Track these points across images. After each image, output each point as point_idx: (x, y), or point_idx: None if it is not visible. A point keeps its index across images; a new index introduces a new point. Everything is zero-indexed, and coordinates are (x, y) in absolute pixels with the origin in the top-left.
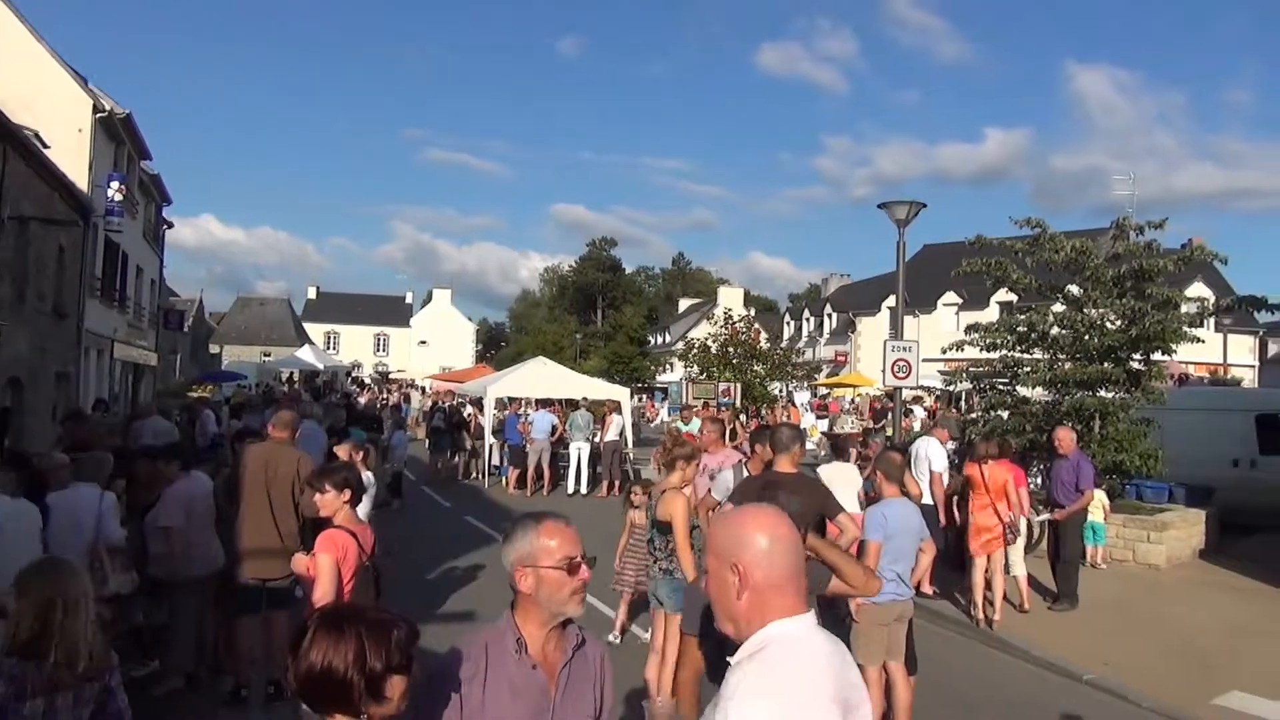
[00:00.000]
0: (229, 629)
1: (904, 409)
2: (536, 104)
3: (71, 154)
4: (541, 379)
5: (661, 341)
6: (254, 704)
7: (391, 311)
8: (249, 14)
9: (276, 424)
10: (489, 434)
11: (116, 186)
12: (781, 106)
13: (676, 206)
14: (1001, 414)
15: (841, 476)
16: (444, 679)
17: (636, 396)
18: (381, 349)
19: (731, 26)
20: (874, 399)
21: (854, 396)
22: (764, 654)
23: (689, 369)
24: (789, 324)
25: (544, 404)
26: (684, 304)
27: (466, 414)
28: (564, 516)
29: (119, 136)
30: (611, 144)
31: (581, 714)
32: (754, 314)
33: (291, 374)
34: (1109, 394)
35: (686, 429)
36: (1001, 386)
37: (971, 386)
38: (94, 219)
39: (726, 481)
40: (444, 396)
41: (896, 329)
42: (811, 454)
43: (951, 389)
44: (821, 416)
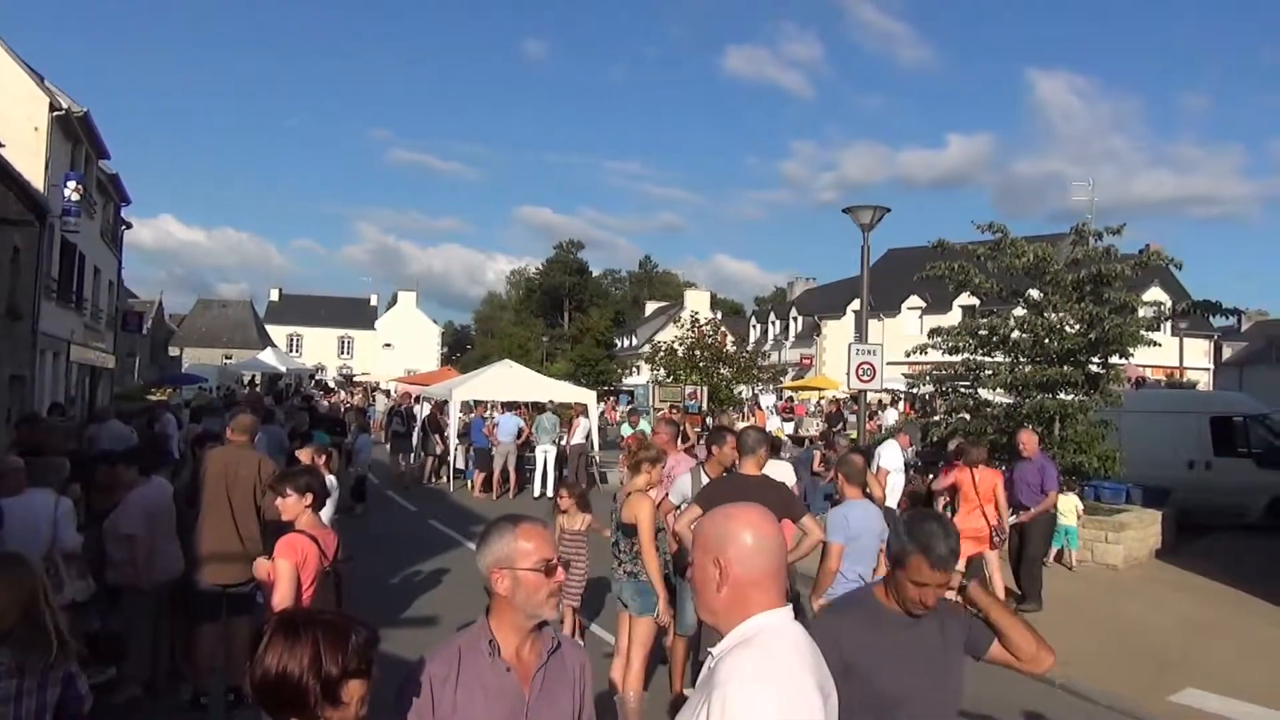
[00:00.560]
0: (189, 635)
1: (870, 411)
2: (502, 106)
3: (27, 153)
4: (507, 382)
5: (628, 344)
6: (214, 711)
7: (356, 314)
8: (209, 12)
9: (235, 428)
10: (454, 437)
11: (73, 186)
12: (747, 110)
13: (643, 209)
14: (964, 416)
15: (775, 473)
16: (416, 682)
17: (602, 400)
18: (346, 352)
19: (697, 30)
20: (831, 402)
21: (819, 399)
22: (755, 642)
23: (655, 372)
24: (755, 327)
25: (510, 407)
26: (650, 307)
27: (427, 416)
28: (540, 519)
29: (76, 135)
30: (578, 146)
31: (557, 718)
32: (720, 317)
33: (253, 377)
34: (1068, 396)
35: (632, 433)
36: (964, 389)
37: (934, 389)
38: (50, 219)
39: (683, 486)
40: (403, 399)
41: (861, 332)
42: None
43: (916, 392)
44: (787, 419)
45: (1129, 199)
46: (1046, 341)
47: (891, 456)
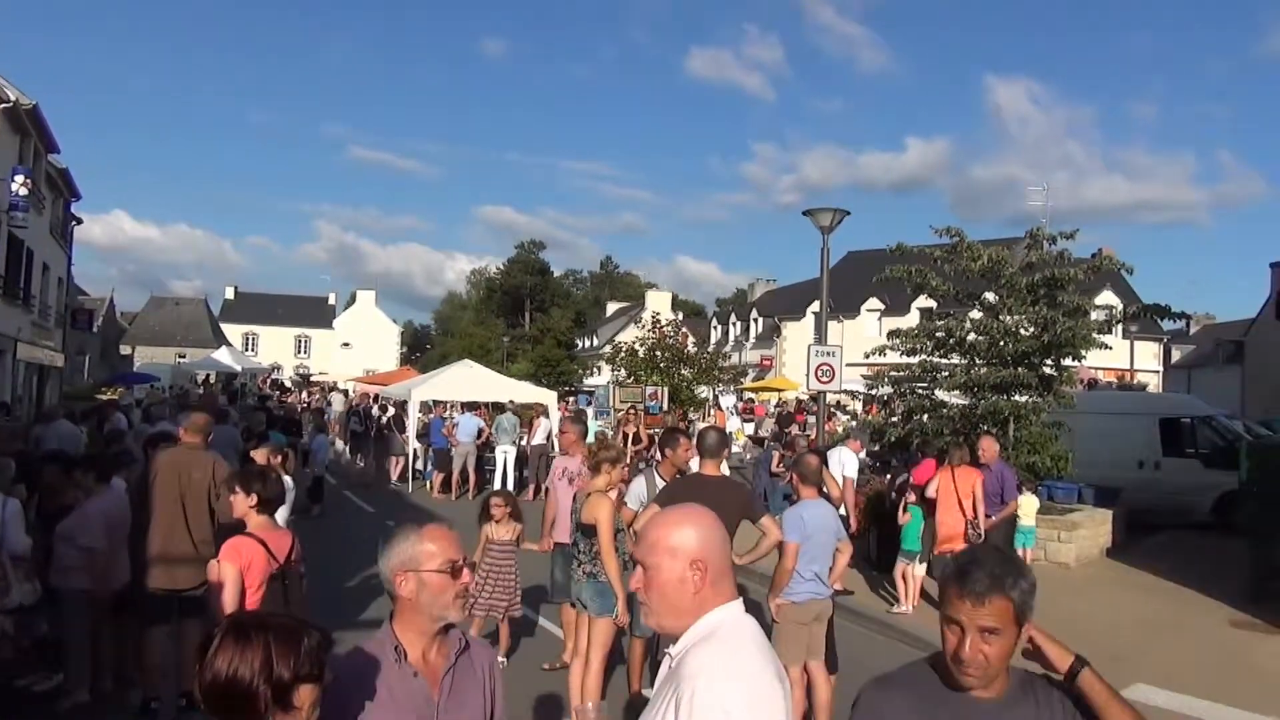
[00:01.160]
0: (140, 639)
1: (830, 412)
2: (462, 104)
3: None
4: (467, 382)
5: (589, 345)
6: (165, 716)
7: (313, 313)
8: (163, 4)
9: (189, 428)
10: (413, 438)
11: (21, 180)
12: (709, 112)
13: (605, 210)
14: (921, 417)
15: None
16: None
17: (562, 400)
18: (303, 351)
19: (659, 31)
20: (780, 404)
21: (779, 400)
22: (718, 636)
23: (616, 372)
24: (716, 328)
25: (470, 407)
26: (612, 307)
27: (388, 416)
28: (447, 521)
29: (25, 128)
30: (539, 146)
31: (468, 719)
32: (681, 318)
33: (208, 376)
34: (1022, 398)
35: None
36: (921, 390)
37: (892, 391)
38: None
39: (638, 489)
40: (361, 399)
41: (820, 334)
42: (738, 457)
43: (875, 393)
44: (747, 420)
45: (1083, 204)
46: (1001, 344)
47: (850, 465)
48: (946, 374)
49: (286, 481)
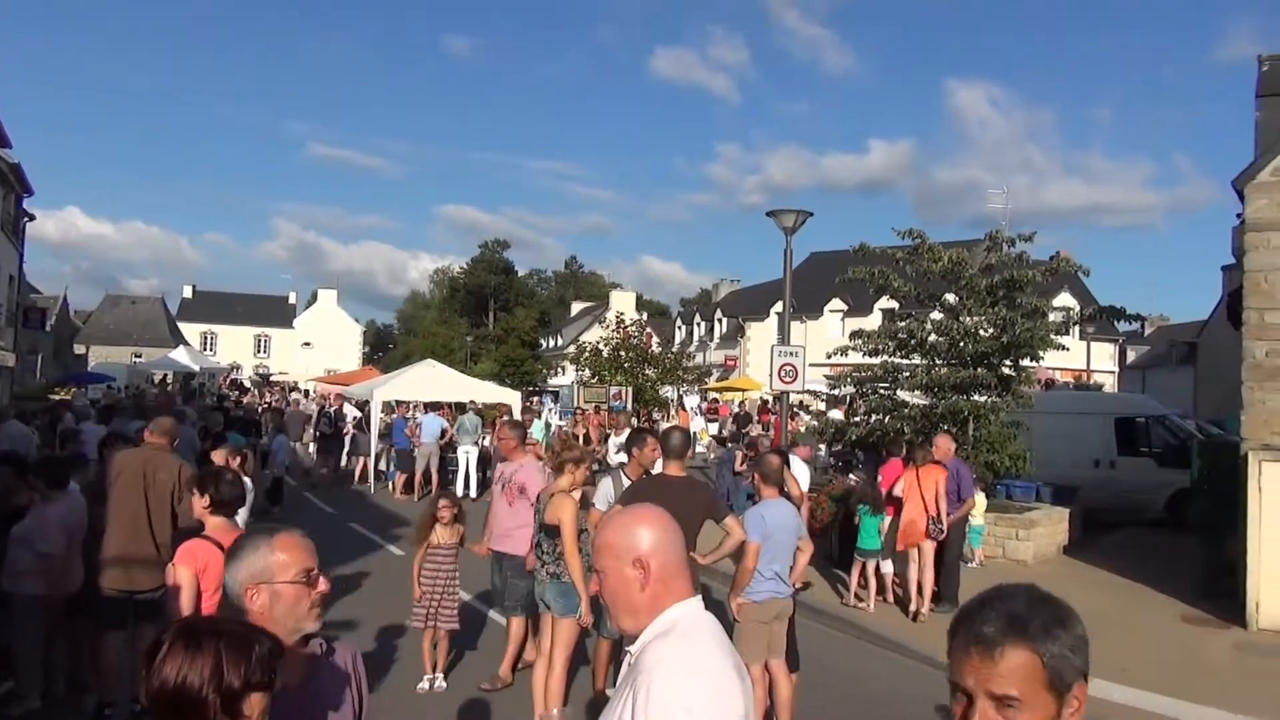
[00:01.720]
0: (94, 644)
1: (792, 412)
2: (425, 102)
3: None
4: (430, 382)
5: (554, 345)
6: None
7: (273, 312)
8: None
9: (155, 429)
10: (375, 438)
11: None
12: (675, 112)
13: (569, 209)
14: (882, 417)
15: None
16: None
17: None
18: (263, 350)
19: (625, 31)
20: (744, 403)
21: (742, 400)
22: (676, 631)
23: (581, 372)
24: (680, 328)
25: (433, 407)
26: (576, 307)
27: (354, 418)
28: (298, 530)
29: None
30: (504, 145)
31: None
32: (646, 318)
33: (164, 376)
34: (982, 398)
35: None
36: (883, 390)
37: (855, 390)
38: None
39: (606, 490)
40: (336, 400)
41: (784, 334)
42: (701, 456)
43: (837, 393)
44: (711, 420)
45: (1042, 207)
46: (961, 344)
47: (801, 474)
48: (908, 374)
49: (246, 483)
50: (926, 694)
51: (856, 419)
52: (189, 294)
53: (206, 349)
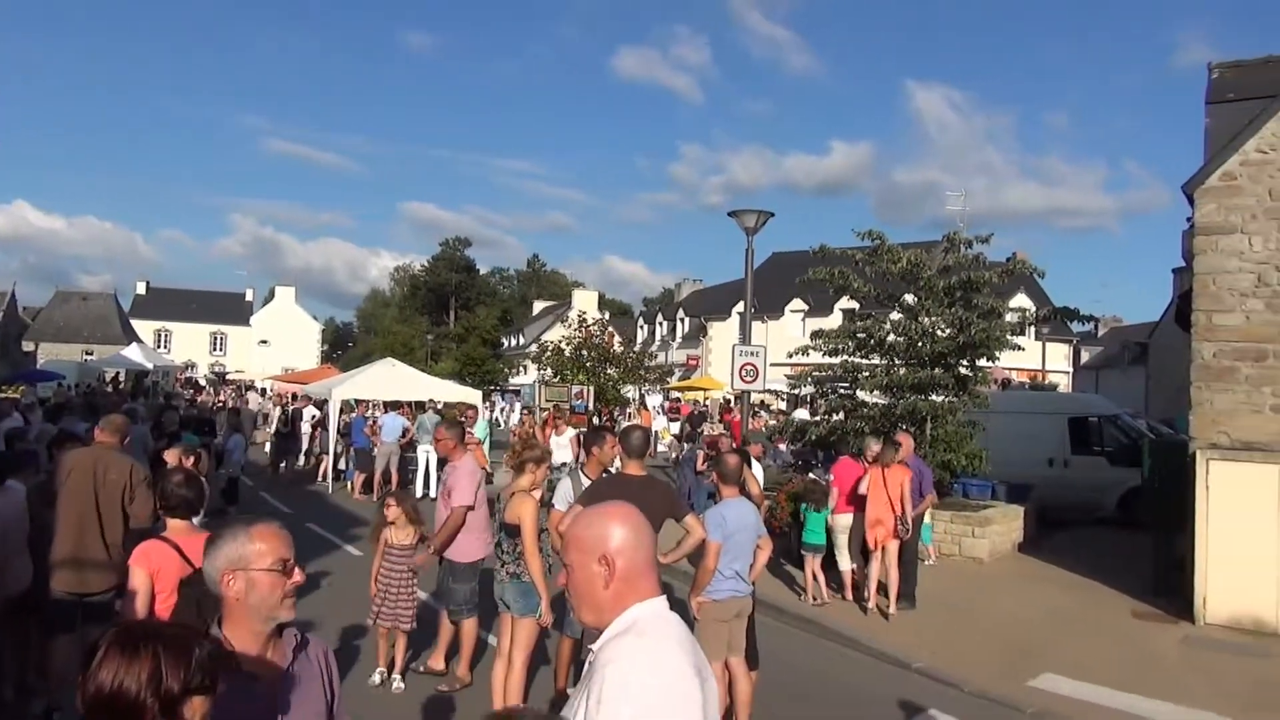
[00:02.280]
0: (42, 647)
1: (754, 410)
2: (386, 98)
3: None
4: (390, 381)
5: (515, 344)
6: None
7: (230, 309)
8: None
9: (107, 428)
10: (334, 437)
11: None
12: (638, 112)
13: (532, 208)
14: (840, 416)
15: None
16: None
17: (486, 400)
18: (219, 349)
19: (589, 29)
20: (699, 402)
21: (705, 400)
22: (635, 629)
23: (542, 371)
24: (642, 328)
25: (393, 406)
26: (538, 306)
27: (313, 416)
28: (277, 521)
29: None
30: (466, 142)
31: (312, 715)
32: (608, 317)
33: (117, 374)
34: (939, 398)
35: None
36: (842, 390)
37: (814, 390)
38: None
39: (565, 489)
40: (303, 401)
41: (745, 334)
42: (663, 456)
43: (798, 393)
44: (673, 419)
45: (999, 209)
46: (919, 345)
47: (755, 473)
48: (867, 374)
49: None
50: (886, 691)
51: (816, 418)
52: (143, 290)
53: (161, 346)
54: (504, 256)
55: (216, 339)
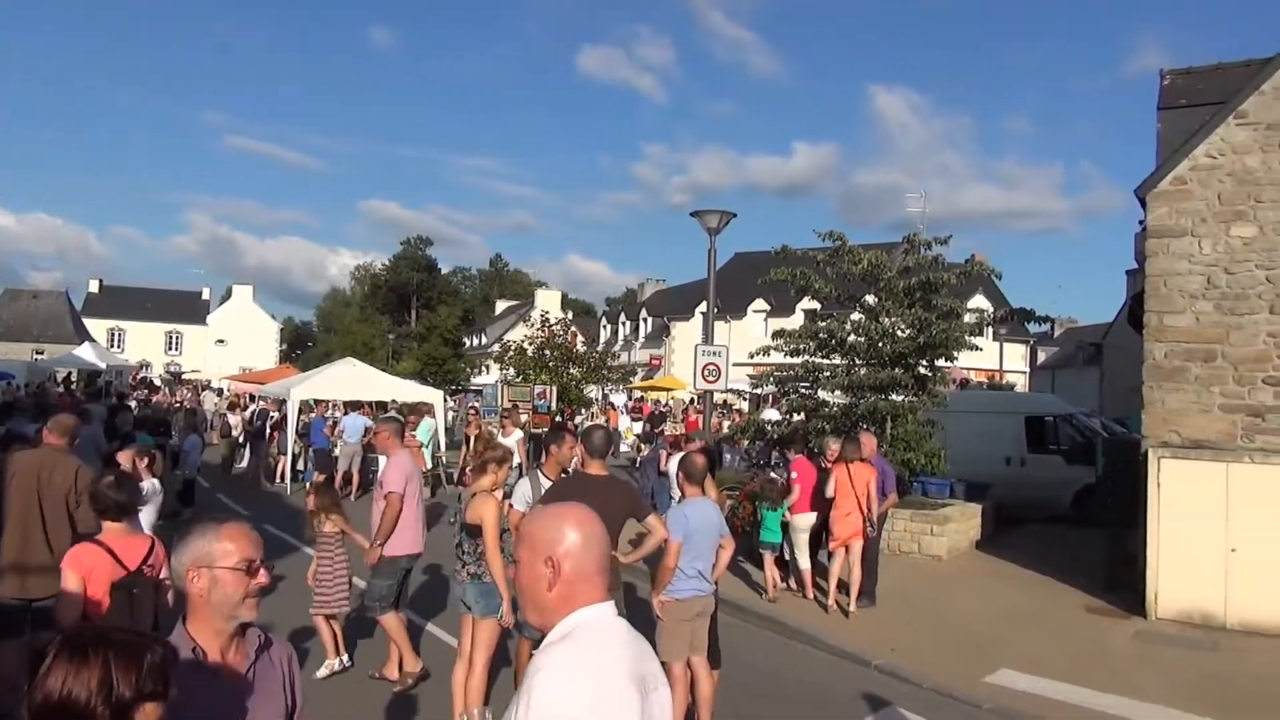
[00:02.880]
0: None
1: (716, 410)
2: (347, 95)
3: None
4: (350, 380)
5: (478, 343)
6: None
7: (185, 308)
8: None
9: (54, 429)
10: (292, 437)
11: None
12: (601, 111)
13: (494, 207)
14: (801, 416)
15: None
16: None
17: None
18: (174, 348)
19: (552, 28)
20: (659, 403)
21: (668, 400)
22: (571, 637)
23: (505, 371)
24: (605, 327)
25: (353, 406)
26: (501, 306)
27: (270, 417)
28: (247, 523)
29: None
30: (427, 140)
31: (273, 715)
32: (571, 317)
33: (69, 374)
34: (899, 397)
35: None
36: (804, 390)
37: (776, 390)
38: None
39: (524, 489)
40: (272, 404)
41: (708, 334)
42: (627, 455)
43: (760, 392)
44: (636, 419)
45: (958, 211)
46: (880, 345)
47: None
48: (828, 374)
49: (154, 485)
50: (847, 688)
51: (778, 418)
52: (95, 289)
53: (114, 346)
54: (466, 255)
55: (172, 338)
